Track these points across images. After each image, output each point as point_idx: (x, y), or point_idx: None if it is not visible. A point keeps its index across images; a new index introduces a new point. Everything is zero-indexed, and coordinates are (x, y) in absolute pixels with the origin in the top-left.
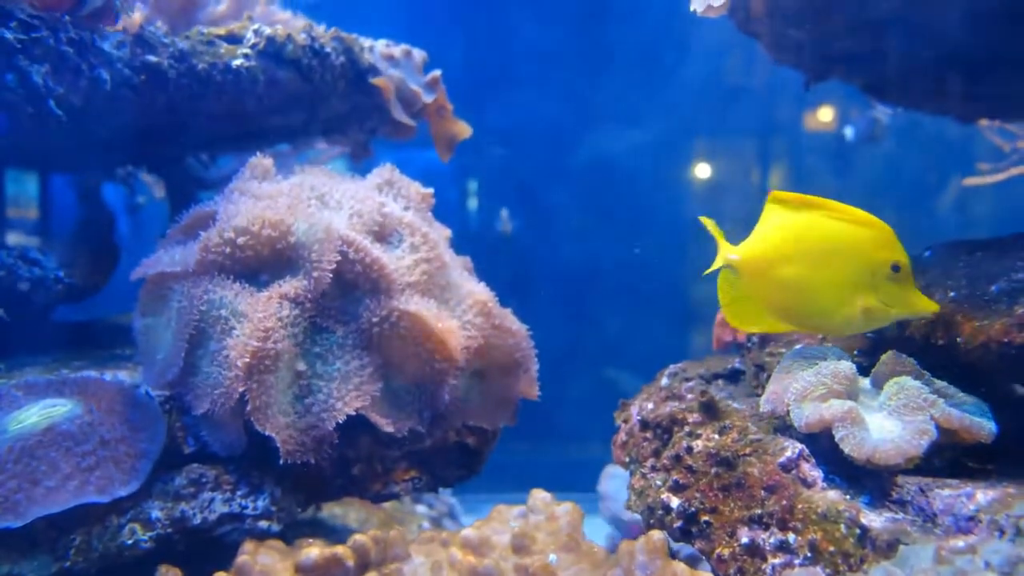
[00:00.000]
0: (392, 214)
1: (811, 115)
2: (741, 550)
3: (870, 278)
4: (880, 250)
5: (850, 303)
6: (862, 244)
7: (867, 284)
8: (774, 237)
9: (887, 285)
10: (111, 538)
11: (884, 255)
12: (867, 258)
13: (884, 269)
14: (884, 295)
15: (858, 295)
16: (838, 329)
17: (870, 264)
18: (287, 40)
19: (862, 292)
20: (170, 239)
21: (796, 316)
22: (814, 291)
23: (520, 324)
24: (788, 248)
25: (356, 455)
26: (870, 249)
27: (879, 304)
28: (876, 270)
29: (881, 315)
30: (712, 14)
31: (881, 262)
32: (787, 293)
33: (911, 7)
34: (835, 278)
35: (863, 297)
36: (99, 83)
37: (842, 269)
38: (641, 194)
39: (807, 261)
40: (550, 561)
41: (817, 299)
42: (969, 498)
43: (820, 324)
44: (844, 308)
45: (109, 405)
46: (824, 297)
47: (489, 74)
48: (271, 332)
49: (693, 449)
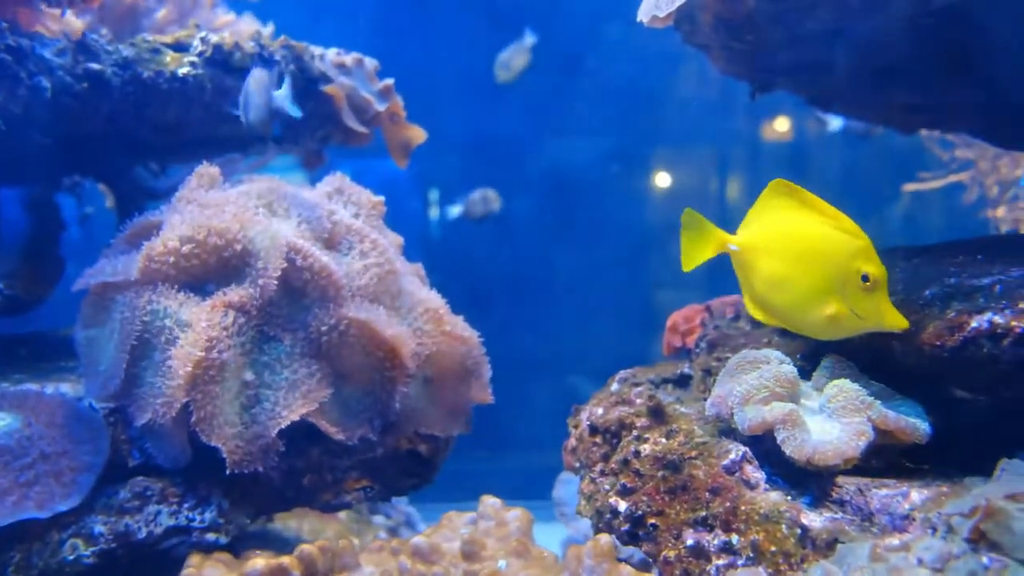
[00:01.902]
0: (342, 221)
1: (768, 125)
2: (686, 552)
3: (841, 286)
4: (854, 259)
5: (820, 307)
6: (838, 250)
7: (838, 291)
8: (764, 228)
9: (858, 295)
10: (52, 554)
11: (856, 264)
12: (841, 265)
13: (855, 278)
14: (854, 304)
15: (829, 300)
16: (808, 330)
17: (843, 271)
18: (235, 48)
19: (833, 298)
20: (114, 248)
21: (773, 311)
22: (790, 289)
23: (472, 331)
24: (773, 241)
25: (306, 465)
26: (845, 257)
27: (848, 312)
28: (848, 278)
29: (849, 323)
30: (658, 24)
31: (853, 271)
32: (767, 286)
33: (848, 19)
34: (810, 279)
35: (833, 303)
36: (39, 91)
37: (816, 271)
38: (599, 202)
39: (787, 258)
40: (499, 567)
41: (792, 297)
42: (904, 497)
43: (794, 322)
44: (814, 310)
45: (50, 418)
46: (798, 296)
47: (447, 84)
48: (215, 341)
49: (641, 453)
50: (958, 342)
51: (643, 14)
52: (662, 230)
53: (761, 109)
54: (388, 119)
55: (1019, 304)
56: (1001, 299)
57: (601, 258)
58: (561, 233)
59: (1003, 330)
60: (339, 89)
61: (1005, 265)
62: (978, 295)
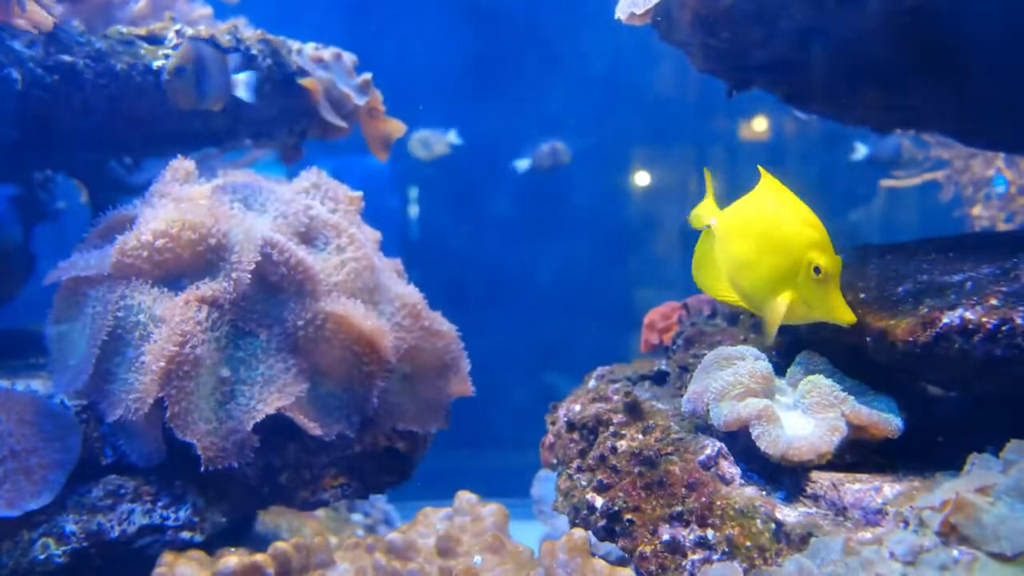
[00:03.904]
0: (319, 216)
1: (745, 124)
2: (662, 547)
3: (794, 275)
4: (809, 250)
5: (775, 292)
6: (795, 240)
7: (791, 280)
8: (740, 210)
9: (810, 285)
10: (22, 554)
11: (810, 255)
12: (796, 254)
13: (808, 269)
14: (806, 294)
15: (783, 287)
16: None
17: (797, 261)
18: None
19: (787, 285)
20: (87, 243)
21: (738, 290)
22: (752, 271)
23: (450, 326)
24: (744, 224)
25: (283, 462)
26: (800, 247)
27: (800, 302)
28: (801, 268)
29: (800, 312)
30: (636, 22)
31: (806, 262)
32: (734, 267)
33: (824, 18)
34: (768, 264)
35: (787, 290)
36: (9, 83)
37: (774, 258)
38: (577, 200)
39: (752, 241)
40: (474, 563)
41: (752, 280)
42: (877, 492)
43: (753, 303)
44: (771, 295)
45: (20, 416)
46: (758, 279)
47: (428, 80)
48: (189, 336)
49: (617, 449)
50: (930, 338)
51: (620, 11)
52: (641, 228)
53: (741, 107)
54: (367, 113)
55: (989, 300)
56: (972, 295)
57: (580, 255)
58: (540, 230)
59: (974, 326)
60: (316, 83)
61: (976, 262)
62: (949, 291)
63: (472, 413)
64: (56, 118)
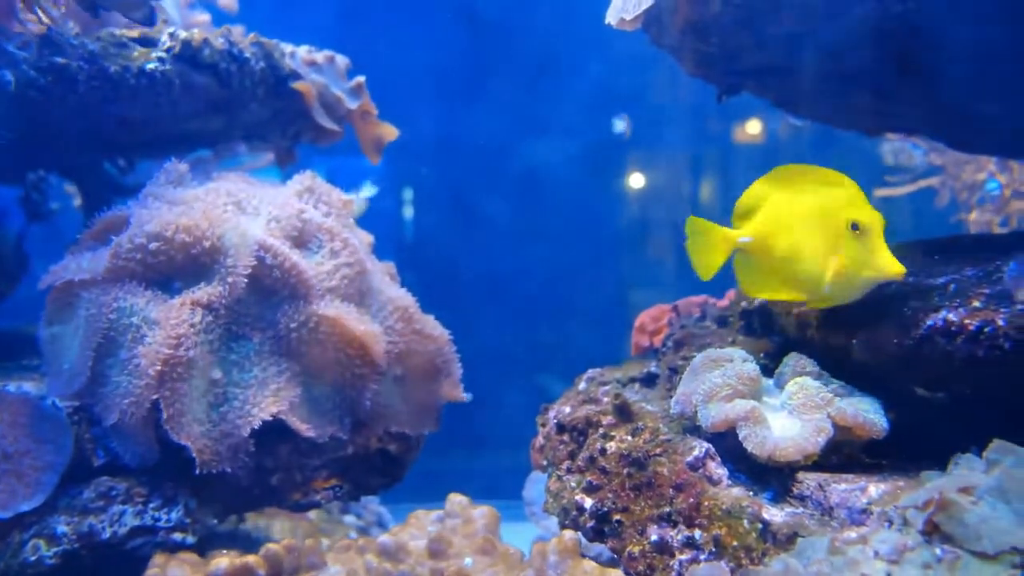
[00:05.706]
0: (312, 220)
1: (739, 127)
2: (650, 548)
3: (836, 239)
4: (842, 209)
5: (826, 267)
6: (828, 205)
7: (835, 246)
8: (766, 213)
9: (852, 245)
10: (13, 555)
11: (844, 214)
12: (832, 219)
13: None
14: (853, 255)
15: (831, 258)
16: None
17: (834, 224)
18: (204, 44)
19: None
20: (80, 245)
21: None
22: (801, 258)
23: (442, 329)
24: (778, 220)
25: (275, 464)
26: (834, 209)
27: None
28: (839, 230)
29: (851, 277)
30: (627, 27)
31: (842, 221)
32: (785, 264)
33: (814, 23)
34: (813, 243)
35: (834, 260)
36: (2, 84)
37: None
38: (569, 202)
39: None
40: (465, 565)
41: (804, 266)
42: (862, 492)
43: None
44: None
45: (12, 417)
46: (810, 263)
47: (421, 83)
48: (183, 339)
49: (606, 450)
50: (914, 339)
51: (611, 16)
52: (633, 231)
53: (735, 110)
54: (359, 116)
55: (972, 302)
56: (955, 297)
57: (572, 258)
58: (532, 233)
59: (957, 327)
60: (310, 86)
61: (959, 265)
62: (933, 294)
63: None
64: (50, 119)
